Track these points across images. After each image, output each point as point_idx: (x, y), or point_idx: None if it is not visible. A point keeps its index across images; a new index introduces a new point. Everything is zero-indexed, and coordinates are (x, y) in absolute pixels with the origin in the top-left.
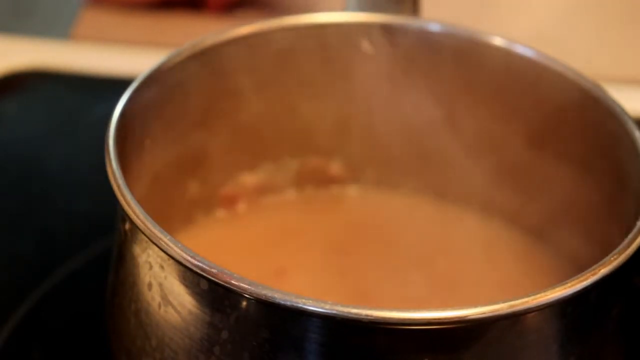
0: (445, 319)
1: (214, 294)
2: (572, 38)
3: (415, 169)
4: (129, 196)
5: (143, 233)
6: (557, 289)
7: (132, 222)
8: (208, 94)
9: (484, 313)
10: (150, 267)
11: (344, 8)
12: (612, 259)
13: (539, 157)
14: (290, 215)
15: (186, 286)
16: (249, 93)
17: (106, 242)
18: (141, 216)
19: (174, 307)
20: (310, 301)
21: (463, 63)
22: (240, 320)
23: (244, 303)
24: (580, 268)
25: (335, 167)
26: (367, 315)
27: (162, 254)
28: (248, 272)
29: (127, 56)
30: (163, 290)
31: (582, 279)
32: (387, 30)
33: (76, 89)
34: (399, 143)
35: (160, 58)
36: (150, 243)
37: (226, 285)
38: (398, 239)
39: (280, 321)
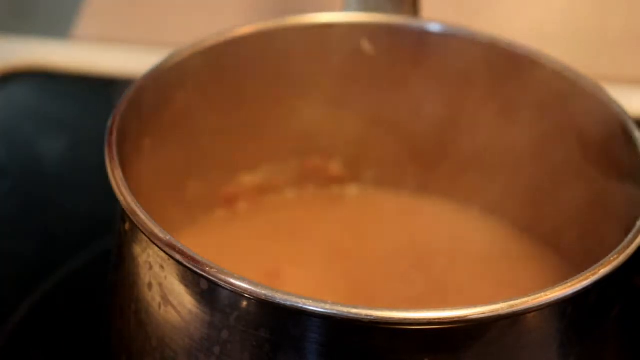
0: (445, 319)
1: (214, 294)
2: (572, 38)
3: (415, 169)
4: (129, 196)
5: (143, 233)
6: (557, 289)
7: (132, 222)
8: (208, 94)
9: (484, 313)
10: (150, 267)
11: (344, 8)
12: (612, 259)
13: (538, 156)
14: (291, 215)
15: (186, 286)
16: (249, 93)
17: (106, 242)
18: (141, 216)
19: (174, 307)
20: (310, 301)
21: (463, 63)
22: (240, 320)
23: (244, 303)
24: (580, 268)
25: (335, 167)
26: (367, 315)
27: (162, 254)
28: (248, 272)
29: (127, 56)
30: (163, 290)
31: (582, 279)
32: (387, 30)
33: (76, 89)
34: (399, 143)
35: (160, 58)
36: (150, 243)
37: (226, 285)
38: (398, 239)
39: (280, 321)
